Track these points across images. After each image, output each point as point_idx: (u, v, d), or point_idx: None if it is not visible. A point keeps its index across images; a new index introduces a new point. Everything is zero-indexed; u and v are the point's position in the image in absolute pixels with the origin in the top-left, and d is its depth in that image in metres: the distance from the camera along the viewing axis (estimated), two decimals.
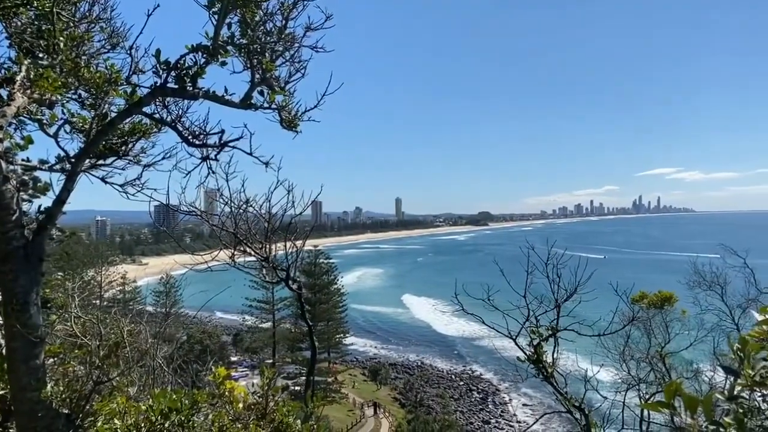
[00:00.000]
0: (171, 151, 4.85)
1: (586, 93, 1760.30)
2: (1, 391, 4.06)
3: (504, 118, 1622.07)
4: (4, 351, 3.73)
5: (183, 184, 4.80)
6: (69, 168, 4.16)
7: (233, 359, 72.17)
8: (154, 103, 4.19)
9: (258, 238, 6.11)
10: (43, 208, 3.82)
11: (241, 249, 6.06)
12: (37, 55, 3.97)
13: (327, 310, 67.74)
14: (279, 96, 4.18)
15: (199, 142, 4.29)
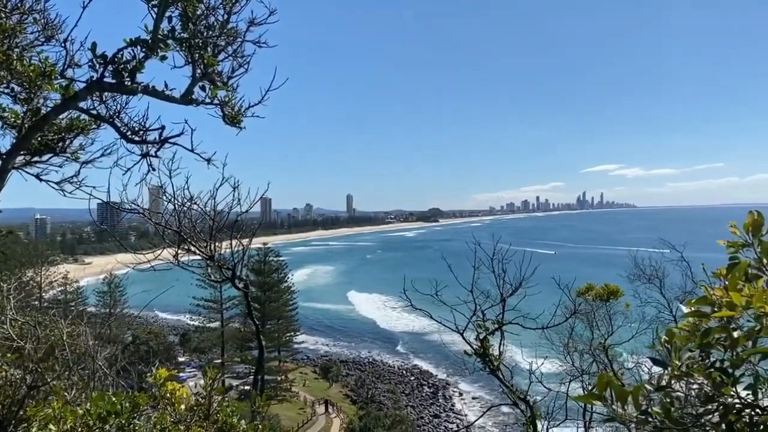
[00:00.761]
0: (111, 148, 4.71)
1: (533, 93, 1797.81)
2: None
3: (455, 117, 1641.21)
4: None
5: (124, 182, 4.68)
6: None
7: (181, 360, 70.86)
8: (90, 98, 4.05)
9: (203, 236, 6.01)
10: None
11: (186, 247, 5.94)
12: None
13: (277, 309, 67.11)
14: (221, 91, 4.11)
15: (139, 139, 4.18)
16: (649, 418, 2.13)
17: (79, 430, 3.38)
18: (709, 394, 2.11)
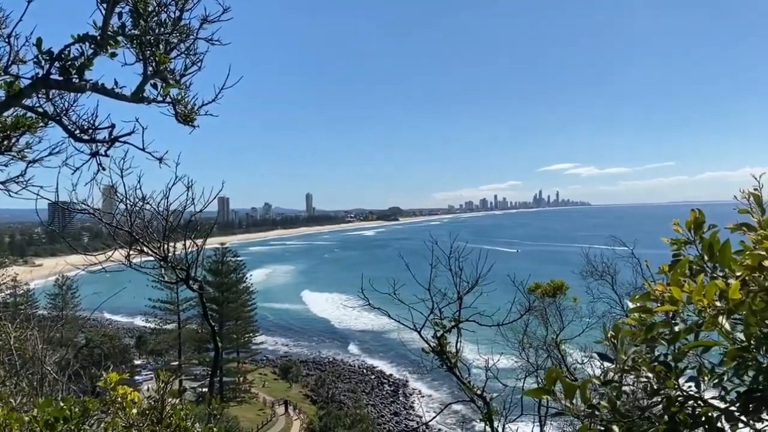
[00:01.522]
0: (59, 147, 4.58)
1: (492, 94, 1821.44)
2: None
3: (415, 118, 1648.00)
4: None
5: (74, 181, 4.57)
6: None
7: (137, 362, 69.30)
8: (36, 96, 3.93)
9: (156, 236, 5.91)
10: None
11: (138, 248, 5.83)
12: None
13: (235, 309, 66.38)
14: (174, 89, 4.04)
15: (88, 137, 4.06)
16: (596, 411, 2.19)
17: None
18: (655, 388, 2.17)
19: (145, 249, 5.76)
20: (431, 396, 66.00)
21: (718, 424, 2.00)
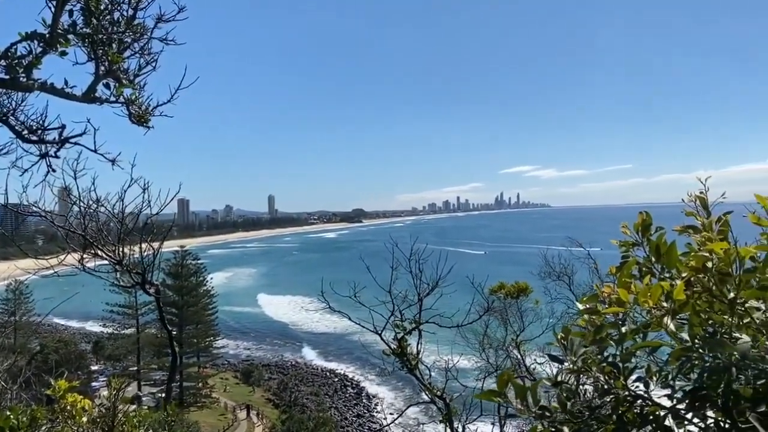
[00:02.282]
0: (7, 147, 4.44)
1: (454, 98, 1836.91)
2: None
3: (379, 120, 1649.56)
4: None
5: (24, 183, 4.44)
6: None
7: (94, 368, 67.45)
8: None
9: (111, 239, 5.78)
10: None
11: (92, 252, 5.69)
12: None
13: (196, 313, 65.42)
14: (127, 89, 3.96)
15: (36, 138, 3.95)
16: (547, 412, 2.23)
17: None
18: (605, 388, 2.22)
19: (99, 252, 5.63)
20: (394, 398, 66.10)
21: (666, 423, 2.04)
